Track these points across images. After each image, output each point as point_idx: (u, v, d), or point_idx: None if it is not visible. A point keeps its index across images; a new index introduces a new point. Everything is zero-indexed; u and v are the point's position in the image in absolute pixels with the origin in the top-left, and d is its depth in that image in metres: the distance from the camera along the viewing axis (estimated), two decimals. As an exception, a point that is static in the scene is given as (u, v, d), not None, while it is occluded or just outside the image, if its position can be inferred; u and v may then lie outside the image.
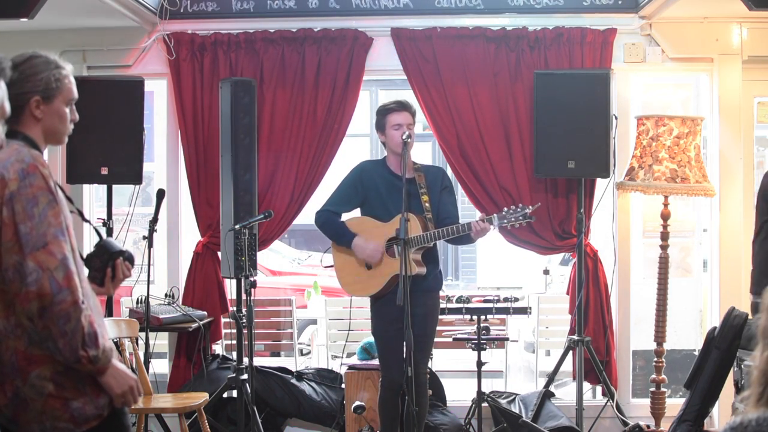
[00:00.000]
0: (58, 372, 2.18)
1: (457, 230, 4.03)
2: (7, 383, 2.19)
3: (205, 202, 5.15)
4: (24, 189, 2.14)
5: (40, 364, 2.17)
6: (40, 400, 2.18)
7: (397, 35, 5.12)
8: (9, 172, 2.16)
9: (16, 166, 2.16)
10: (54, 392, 2.18)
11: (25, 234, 2.11)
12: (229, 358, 5.23)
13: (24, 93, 2.26)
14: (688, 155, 4.64)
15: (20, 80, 2.25)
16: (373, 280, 4.19)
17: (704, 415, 4.05)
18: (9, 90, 2.18)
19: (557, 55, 5.04)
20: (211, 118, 5.10)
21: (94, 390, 2.22)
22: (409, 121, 4.16)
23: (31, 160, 2.18)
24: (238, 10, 5.17)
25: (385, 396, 4.22)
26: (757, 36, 5.03)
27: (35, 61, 2.29)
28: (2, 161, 2.18)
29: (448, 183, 4.30)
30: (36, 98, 2.27)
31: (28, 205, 2.14)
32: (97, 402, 2.23)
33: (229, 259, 4.60)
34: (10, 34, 4.84)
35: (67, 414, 2.19)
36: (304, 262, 9.40)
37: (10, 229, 2.12)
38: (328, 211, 4.27)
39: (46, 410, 2.18)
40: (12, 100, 2.20)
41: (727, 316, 4.03)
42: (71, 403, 2.19)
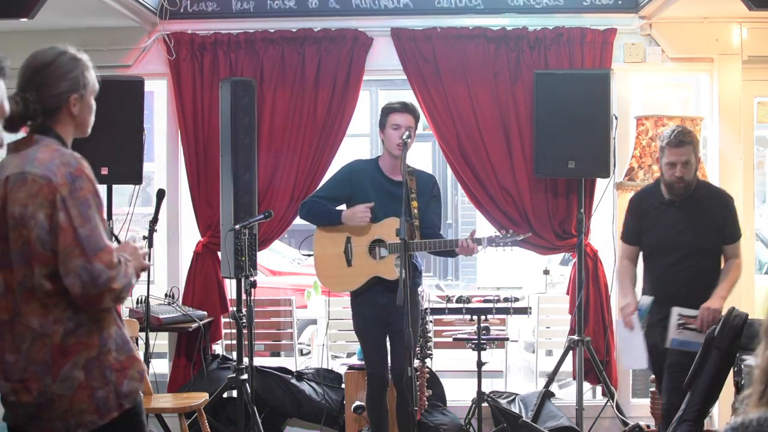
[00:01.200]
0: (90, 359, 2.22)
1: (445, 245, 4.06)
2: (34, 381, 2.20)
3: (205, 202, 5.15)
4: (75, 193, 2.17)
5: (75, 353, 2.20)
6: (68, 396, 2.19)
7: (397, 35, 5.12)
8: (56, 176, 2.18)
9: (63, 169, 2.19)
10: (84, 382, 2.20)
11: (86, 237, 2.16)
12: (229, 358, 5.23)
13: (61, 93, 2.29)
14: (688, 155, 4.63)
15: (53, 80, 2.28)
16: (352, 278, 4.18)
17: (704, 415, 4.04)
18: (39, 91, 2.24)
19: (557, 55, 5.04)
20: (211, 118, 5.10)
21: (119, 377, 2.26)
22: (409, 123, 4.15)
23: (77, 163, 2.22)
24: (238, 10, 5.17)
25: (373, 394, 4.23)
26: (757, 36, 5.03)
27: (63, 58, 2.30)
28: (44, 163, 2.19)
29: (437, 192, 4.28)
30: (74, 96, 2.31)
31: (82, 208, 2.17)
32: (119, 390, 2.25)
33: (229, 259, 4.60)
34: (10, 34, 4.84)
35: (93, 405, 2.21)
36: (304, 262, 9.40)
37: (69, 233, 2.15)
38: (314, 200, 4.24)
39: (73, 406, 2.20)
40: (47, 102, 2.25)
41: (727, 316, 4.03)
42: (97, 392, 2.22)
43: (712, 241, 4.01)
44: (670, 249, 3.99)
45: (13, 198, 2.19)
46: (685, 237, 3.96)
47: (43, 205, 2.17)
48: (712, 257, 4.05)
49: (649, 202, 4.10)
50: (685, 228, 3.97)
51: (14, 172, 2.22)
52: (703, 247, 3.99)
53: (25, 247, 2.18)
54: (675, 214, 4.01)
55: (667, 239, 4.00)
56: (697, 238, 3.96)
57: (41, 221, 2.17)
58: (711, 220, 3.99)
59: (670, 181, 3.98)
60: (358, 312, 4.24)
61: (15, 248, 2.19)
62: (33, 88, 2.26)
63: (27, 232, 2.17)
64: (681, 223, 3.99)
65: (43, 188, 2.17)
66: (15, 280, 2.20)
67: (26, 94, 2.25)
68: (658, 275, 4.06)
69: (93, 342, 2.23)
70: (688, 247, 3.97)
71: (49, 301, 2.19)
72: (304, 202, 4.29)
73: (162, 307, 4.81)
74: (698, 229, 3.97)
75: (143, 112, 4.76)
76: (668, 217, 4.02)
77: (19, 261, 2.19)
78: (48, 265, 2.18)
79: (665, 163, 3.95)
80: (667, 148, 3.95)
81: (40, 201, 2.17)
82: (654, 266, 4.10)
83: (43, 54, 2.30)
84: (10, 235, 2.20)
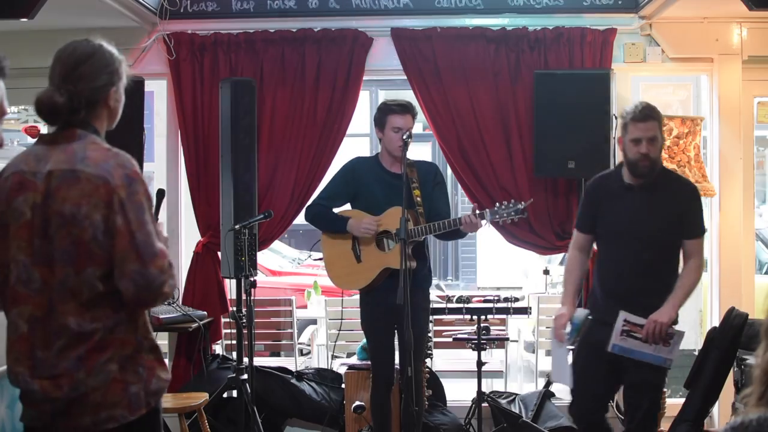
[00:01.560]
0: (124, 355, 2.21)
1: (448, 225, 4.02)
2: (65, 377, 2.18)
3: (205, 202, 5.15)
4: (132, 196, 2.17)
5: (111, 350, 2.20)
6: (102, 389, 2.18)
7: (397, 35, 5.12)
8: (114, 177, 2.17)
9: (120, 171, 2.18)
10: (118, 375, 2.20)
11: (142, 242, 2.17)
12: (229, 358, 5.23)
13: (103, 86, 2.28)
14: (687, 155, 4.64)
15: (96, 73, 2.26)
16: (362, 273, 4.18)
17: (704, 414, 4.05)
18: (82, 84, 2.22)
19: (557, 55, 5.04)
20: (211, 118, 5.10)
21: (149, 375, 2.26)
22: (410, 124, 4.14)
23: (132, 166, 2.21)
24: (238, 10, 5.17)
25: (377, 393, 4.23)
26: (757, 36, 5.03)
27: (104, 51, 2.29)
28: (98, 162, 2.18)
29: (440, 179, 4.29)
30: (113, 89, 2.30)
31: (138, 212, 2.18)
32: (149, 388, 2.25)
33: (229, 259, 4.59)
34: (10, 34, 4.84)
35: (126, 400, 2.21)
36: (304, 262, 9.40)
37: (126, 238, 2.16)
38: (318, 204, 4.27)
39: (107, 398, 2.19)
40: (88, 94, 2.23)
41: (727, 316, 4.04)
42: (130, 387, 2.21)
43: (671, 232, 3.64)
44: (625, 237, 3.65)
45: (63, 195, 2.16)
46: (642, 225, 3.62)
47: (99, 206, 2.15)
48: (669, 252, 3.70)
49: (608, 186, 3.76)
50: (643, 215, 3.63)
51: (61, 168, 2.18)
52: (660, 238, 3.64)
53: (72, 247, 2.16)
54: (634, 199, 3.65)
55: (623, 226, 3.66)
56: (655, 227, 3.62)
57: (97, 222, 2.15)
58: (672, 209, 3.64)
59: (634, 160, 3.60)
60: (366, 310, 4.24)
61: (61, 246, 2.17)
62: (75, 80, 2.23)
63: (79, 232, 2.16)
64: (639, 209, 3.64)
65: (99, 189, 2.15)
66: (56, 277, 2.18)
67: (69, 86, 2.22)
68: (609, 266, 3.72)
69: (129, 340, 2.23)
70: (644, 236, 3.62)
71: (93, 301, 2.18)
72: (309, 206, 4.30)
73: (162, 307, 4.80)
74: (657, 217, 3.63)
75: (143, 112, 4.76)
76: (626, 202, 3.67)
77: (63, 259, 2.17)
78: (102, 266, 2.18)
79: (630, 139, 3.59)
80: (631, 124, 3.60)
81: (95, 202, 2.15)
82: (606, 256, 3.78)
83: (83, 46, 2.28)
84: (56, 233, 2.17)
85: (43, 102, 2.21)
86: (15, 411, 3.28)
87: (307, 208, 4.33)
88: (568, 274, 3.86)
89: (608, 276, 3.72)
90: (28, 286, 2.20)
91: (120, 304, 2.21)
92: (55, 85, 2.22)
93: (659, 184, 3.65)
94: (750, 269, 5.23)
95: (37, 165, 2.22)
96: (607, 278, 3.73)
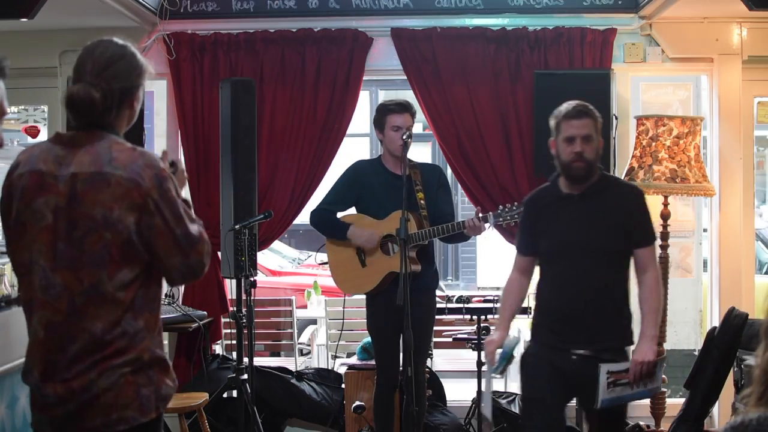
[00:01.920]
0: (137, 359, 2.20)
1: (452, 228, 4.04)
2: (76, 380, 2.16)
3: (205, 202, 5.15)
4: (165, 194, 2.17)
5: (125, 354, 2.18)
6: (115, 390, 2.16)
7: (397, 35, 5.11)
8: (144, 179, 2.15)
9: (149, 172, 2.17)
10: (130, 378, 2.18)
11: (182, 237, 2.20)
12: (229, 358, 5.23)
13: (132, 87, 2.27)
14: (687, 155, 4.64)
15: (126, 73, 2.25)
16: (367, 278, 4.19)
17: (704, 415, 4.05)
18: (113, 83, 2.20)
19: (557, 55, 5.04)
20: (211, 118, 5.10)
21: (159, 380, 2.24)
22: (409, 123, 4.16)
23: (159, 164, 2.21)
24: (238, 10, 5.17)
25: (381, 394, 4.23)
26: (757, 36, 5.03)
27: (133, 53, 2.29)
28: (127, 164, 2.16)
29: (444, 181, 4.31)
30: (140, 91, 2.30)
31: (173, 209, 2.18)
32: (159, 392, 2.24)
33: (229, 259, 4.59)
34: (10, 34, 4.84)
35: (137, 402, 2.19)
36: (304, 262, 9.41)
37: (167, 236, 2.18)
38: (323, 209, 4.29)
39: (119, 400, 2.17)
40: (119, 94, 2.22)
41: (727, 316, 4.04)
42: (142, 389, 2.20)
43: (619, 242, 3.30)
44: (570, 253, 3.30)
45: (92, 199, 2.14)
46: (587, 238, 3.28)
47: (132, 208, 2.14)
48: (620, 265, 3.35)
49: (545, 200, 3.42)
50: (586, 227, 3.29)
51: (88, 170, 2.16)
52: (607, 250, 3.29)
53: (105, 251, 2.14)
54: (574, 210, 3.32)
55: (566, 241, 3.31)
56: (601, 239, 3.28)
57: (131, 225, 2.14)
58: (616, 217, 3.31)
59: (568, 161, 3.28)
60: (373, 312, 4.26)
61: (92, 251, 2.14)
62: (108, 78, 2.21)
63: (112, 236, 2.14)
64: (581, 220, 3.30)
65: (131, 192, 2.14)
66: (84, 282, 2.15)
67: (103, 83, 2.20)
68: (555, 288, 3.35)
69: (144, 346, 2.21)
70: (588, 249, 3.27)
71: (120, 306, 2.17)
72: (314, 211, 4.33)
73: (162, 307, 4.81)
74: (602, 227, 3.29)
75: (143, 112, 4.77)
76: (566, 214, 3.33)
77: (95, 263, 2.15)
78: (135, 267, 2.18)
79: (563, 139, 3.30)
80: (563, 122, 3.31)
81: (128, 205, 2.14)
82: (550, 277, 3.40)
83: (115, 45, 2.27)
84: (86, 238, 2.14)
85: (80, 96, 2.17)
86: (15, 411, 3.28)
87: (312, 212, 4.34)
88: (506, 296, 3.52)
89: (554, 299, 3.35)
90: (47, 292, 2.18)
91: (140, 311, 2.21)
92: (88, 82, 2.19)
93: (600, 190, 3.33)
94: (750, 269, 5.23)
95: (58, 167, 2.18)
96: (552, 302, 3.35)
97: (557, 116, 3.36)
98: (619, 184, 3.50)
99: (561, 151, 3.32)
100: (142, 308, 2.21)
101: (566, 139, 3.29)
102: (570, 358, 3.28)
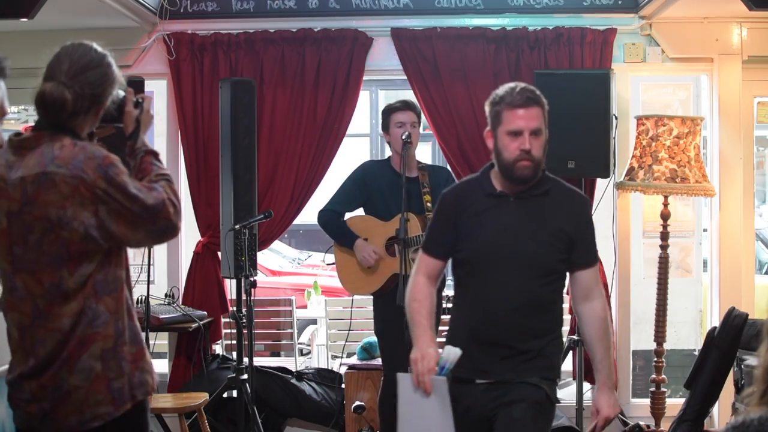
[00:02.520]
0: (106, 349, 2.20)
1: None
2: (47, 377, 2.18)
3: (205, 202, 5.15)
4: (112, 181, 2.16)
5: (91, 343, 2.19)
6: (85, 387, 2.18)
7: (397, 35, 5.11)
8: (87, 172, 2.15)
9: (91, 164, 2.16)
10: (100, 373, 2.19)
11: (141, 210, 2.19)
12: (229, 358, 5.23)
13: (103, 94, 2.27)
14: (687, 155, 4.64)
15: (100, 81, 2.25)
16: (372, 279, 4.22)
17: (704, 415, 4.05)
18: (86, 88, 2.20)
19: (557, 55, 5.04)
20: (211, 118, 5.10)
21: (132, 369, 2.25)
22: (412, 119, 4.20)
23: (102, 154, 2.19)
24: (238, 10, 5.17)
25: (386, 395, 4.23)
26: (757, 36, 5.03)
27: (110, 62, 2.29)
28: (68, 161, 2.15)
29: (451, 183, 4.31)
30: (109, 100, 2.30)
31: (125, 191, 2.17)
32: (132, 381, 2.24)
33: (229, 259, 4.59)
34: (10, 34, 4.84)
35: (109, 396, 2.20)
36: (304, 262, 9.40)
37: (126, 217, 2.18)
38: (330, 210, 4.32)
39: (90, 397, 2.19)
40: (89, 100, 2.22)
41: (727, 316, 4.04)
42: (113, 383, 2.21)
43: (558, 255, 2.76)
44: (497, 264, 2.73)
45: (43, 200, 2.14)
46: (523, 245, 2.72)
47: (84, 203, 2.14)
48: (557, 281, 2.80)
49: (471, 196, 2.83)
50: (521, 234, 2.73)
51: (33, 172, 2.16)
52: (547, 262, 2.74)
53: (62, 249, 2.15)
54: (508, 213, 2.76)
55: (494, 249, 2.74)
56: (536, 249, 2.72)
57: (87, 219, 2.15)
58: (560, 226, 2.77)
59: (510, 160, 2.72)
60: (379, 314, 4.28)
61: (50, 251, 2.15)
62: (82, 82, 2.21)
63: (69, 234, 2.15)
64: (517, 226, 2.74)
65: (77, 188, 2.14)
66: (45, 283, 2.17)
67: (76, 86, 2.20)
68: (479, 302, 2.77)
69: (109, 332, 2.22)
70: (526, 259, 2.72)
71: (78, 295, 2.18)
72: (323, 212, 4.36)
73: (162, 307, 4.81)
74: (542, 234, 2.74)
75: (143, 112, 4.76)
76: (498, 216, 2.76)
77: (52, 264, 2.16)
78: (96, 259, 2.18)
79: (507, 132, 2.73)
80: (506, 111, 2.74)
81: (79, 200, 2.14)
82: (471, 289, 2.81)
83: (93, 51, 2.27)
84: (44, 239, 2.15)
85: (52, 95, 2.17)
86: (15, 411, 3.29)
87: (320, 213, 4.37)
88: (419, 304, 2.81)
89: (477, 315, 2.77)
90: (13, 294, 2.21)
91: (100, 296, 2.21)
92: (62, 82, 2.19)
93: (542, 193, 2.81)
94: (750, 269, 5.23)
95: (8, 171, 2.19)
96: (474, 318, 2.77)
97: (495, 103, 2.81)
98: (564, 188, 2.90)
99: (502, 147, 2.74)
100: (102, 292, 2.21)
101: (510, 133, 2.73)
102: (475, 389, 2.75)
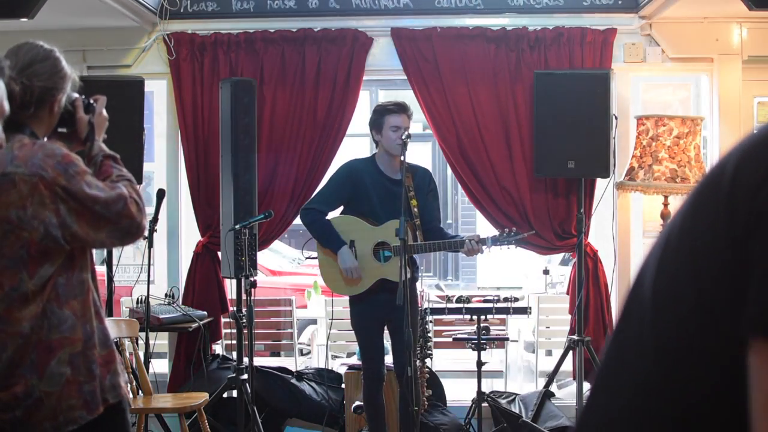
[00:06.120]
0: (75, 354, 2.18)
1: (450, 246, 4.16)
2: (19, 385, 2.16)
3: (205, 202, 5.15)
4: (72, 179, 2.14)
5: (59, 349, 2.17)
6: (57, 392, 2.16)
7: (397, 35, 5.12)
8: (46, 170, 2.13)
9: (50, 161, 2.14)
10: (71, 377, 2.17)
11: (103, 210, 2.16)
12: (229, 358, 5.23)
13: (53, 88, 2.25)
14: (688, 155, 4.64)
15: (48, 74, 2.24)
16: (357, 281, 4.21)
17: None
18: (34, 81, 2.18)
19: (557, 55, 5.04)
20: (211, 118, 5.10)
21: (103, 372, 2.23)
22: (407, 124, 4.18)
23: (60, 151, 2.17)
24: (238, 10, 5.17)
25: (368, 389, 4.26)
26: (757, 36, 5.03)
27: (58, 57, 2.28)
28: (27, 159, 2.14)
29: (433, 186, 4.33)
30: (61, 95, 2.28)
31: (85, 189, 2.15)
32: (104, 384, 2.23)
33: (229, 259, 4.59)
34: (10, 34, 4.83)
35: (81, 400, 2.18)
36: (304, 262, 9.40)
37: (87, 216, 2.15)
38: (314, 210, 4.28)
39: (61, 402, 2.17)
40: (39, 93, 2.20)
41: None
42: (84, 387, 2.19)
43: None
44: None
45: (4, 202, 2.12)
46: None
47: (44, 202, 2.13)
48: None
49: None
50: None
51: None
52: None
53: (22, 250, 2.13)
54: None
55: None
56: None
57: (48, 218, 2.13)
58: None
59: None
60: (356, 310, 4.30)
61: (10, 253, 2.13)
62: (30, 75, 2.20)
63: (29, 234, 2.13)
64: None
65: (37, 186, 2.12)
66: (5, 286, 2.14)
67: (24, 79, 2.19)
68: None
69: (77, 336, 2.19)
70: None
71: (38, 298, 2.15)
72: (306, 210, 4.31)
73: (162, 307, 4.81)
74: None
75: (143, 112, 4.76)
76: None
77: (12, 265, 2.14)
78: (57, 259, 2.16)
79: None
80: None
81: (39, 199, 2.12)
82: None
83: (39, 46, 2.26)
84: (4, 241, 2.13)
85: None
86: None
87: (302, 210, 4.33)
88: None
89: None
90: None
91: (64, 300, 2.18)
92: (8, 76, 2.18)
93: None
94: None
95: None
96: None
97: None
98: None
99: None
100: (66, 296, 2.19)
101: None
102: None
